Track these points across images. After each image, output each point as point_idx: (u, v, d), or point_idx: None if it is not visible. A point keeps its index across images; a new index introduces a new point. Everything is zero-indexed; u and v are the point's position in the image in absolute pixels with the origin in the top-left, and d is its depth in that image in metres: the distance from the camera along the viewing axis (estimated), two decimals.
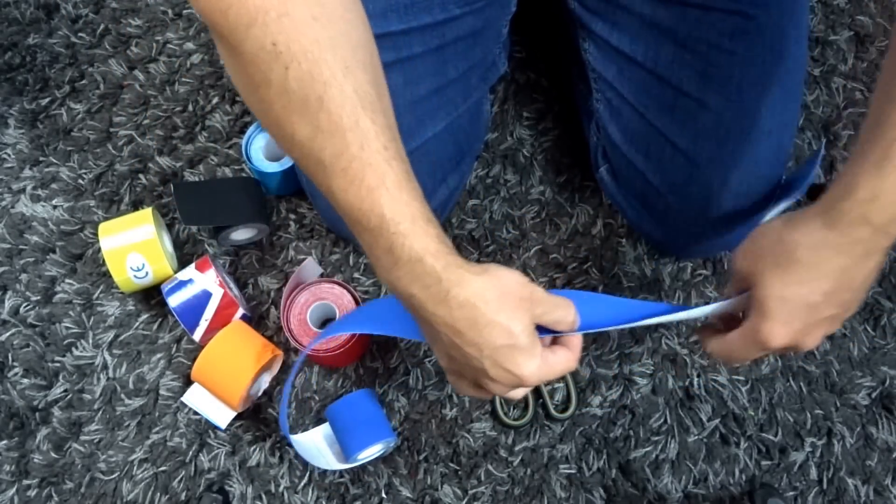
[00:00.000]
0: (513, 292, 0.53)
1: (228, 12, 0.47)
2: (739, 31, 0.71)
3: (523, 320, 0.53)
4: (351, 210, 0.51)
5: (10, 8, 1.03)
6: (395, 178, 0.51)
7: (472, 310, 0.51)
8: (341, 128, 0.49)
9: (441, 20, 0.72)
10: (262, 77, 0.49)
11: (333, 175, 0.50)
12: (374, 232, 0.51)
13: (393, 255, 0.51)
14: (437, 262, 0.51)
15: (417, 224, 0.51)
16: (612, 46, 0.77)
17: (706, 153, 0.74)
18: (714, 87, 0.73)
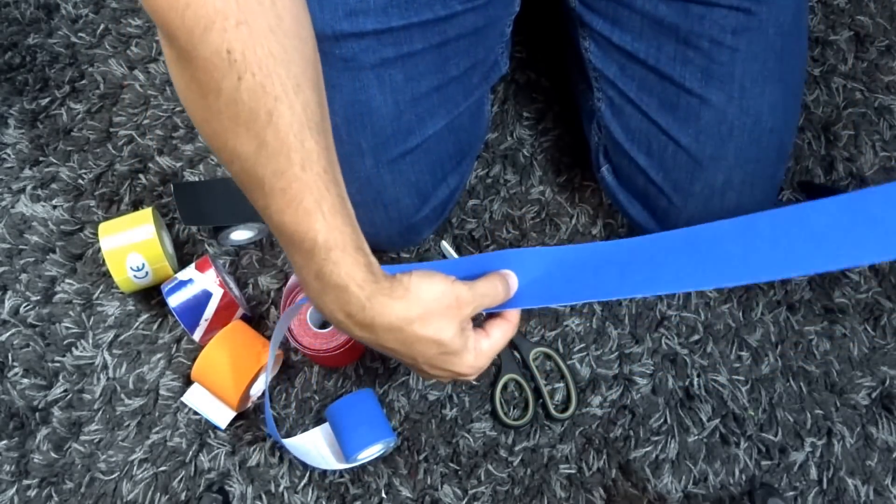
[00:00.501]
0: (436, 305, 0.55)
1: (185, 13, 0.46)
2: (741, 28, 0.71)
3: (451, 327, 0.55)
4: (285, 231, 0.52)
5: (10, 8, 1.03)
6: (331, 203, 0.51)
7: (398, 332, 0.54)
8: (286, 146, 0.49)
9: (443, 16, 0.72)
10: (213, 85, 0.48)
11: (272, 194, 0.50)
12: (306, 255, 0.52)
13: (321, 281, 0.52)
14: (362, 292, 0.52)
15: (347, 252, 0.52)
16: (614, 44, 0.77)
17: (708, 151, 0.74)
18: (716, 85, 0.73)
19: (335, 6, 0.69)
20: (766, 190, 0.78)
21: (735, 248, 0.53)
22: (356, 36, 0.70)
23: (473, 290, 0.57)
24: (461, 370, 0.58)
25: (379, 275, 0.54)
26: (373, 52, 0.71)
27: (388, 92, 0.73)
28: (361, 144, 0.75)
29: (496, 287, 0.59)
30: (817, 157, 0.96)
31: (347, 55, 0.71)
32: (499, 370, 0.86)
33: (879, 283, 0.91)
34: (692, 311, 0.89)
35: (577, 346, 0.87)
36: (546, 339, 0.88)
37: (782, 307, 0.89)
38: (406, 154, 0.76)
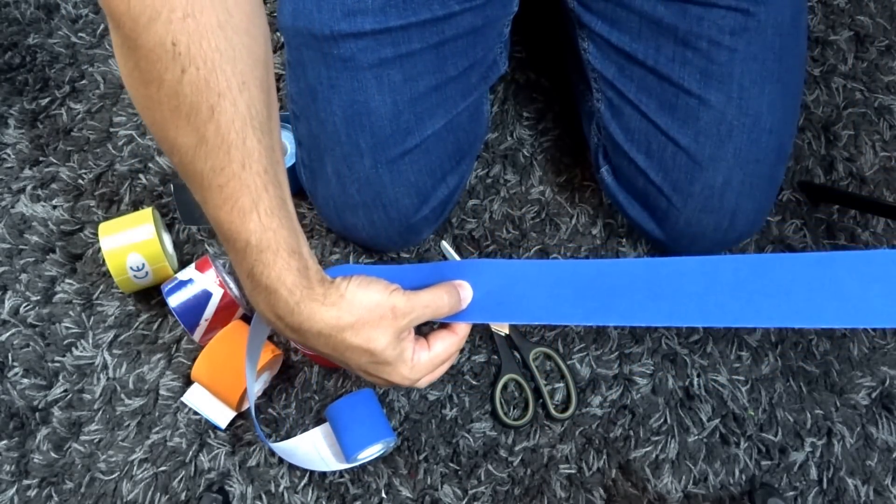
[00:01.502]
0: (369, 315, 0.54)
1: (131, 2, 0.45)
2: (740, 29, 0.71)
3: (385, 336, 0.55)
4: (221, 227, 0.51)
5: (10, 8, 1.03)
6: (268, 205, 0.51)
7: (328, 338, 0.54)
8: (227, 143, 0.49)
9: (441, 16, 0.72)
10: (156, 75, 0.47)
11: (210, 189, 0.50)
12: (240, 254, 0.52)
13: (252, 281, 0.52)
14: (292, 297, 0.52)
15: (280, 255, 0.52)
16: (612, 45, 0.77)
17: (708, 151, 0.74)
18: (715, 85, 0.73)
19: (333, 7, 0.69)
20: (766, 190, 0.78)
21: (694, 289, 0.53)
22: (354, 36, 0.70)
23: (413, 301, 0.56)
24: (395, 380, 0.58)
25: (314, 279, 0.53)
26: (371, 52, 0.71)
27: (387, 92, 0.73)
28: (360, 144, 0.75)
29: (441, 298, 0.57)
30: (817, 157, 0.96)
31: (346, 55, 0.71)
32: (499, 370, 0.86)
33: None
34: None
35: (577, 346, 0.87)
36: (546, 339, 0.88)
37: None
38: (405, 154, 0.76)
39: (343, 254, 0.91)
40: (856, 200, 0.93)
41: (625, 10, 0.75)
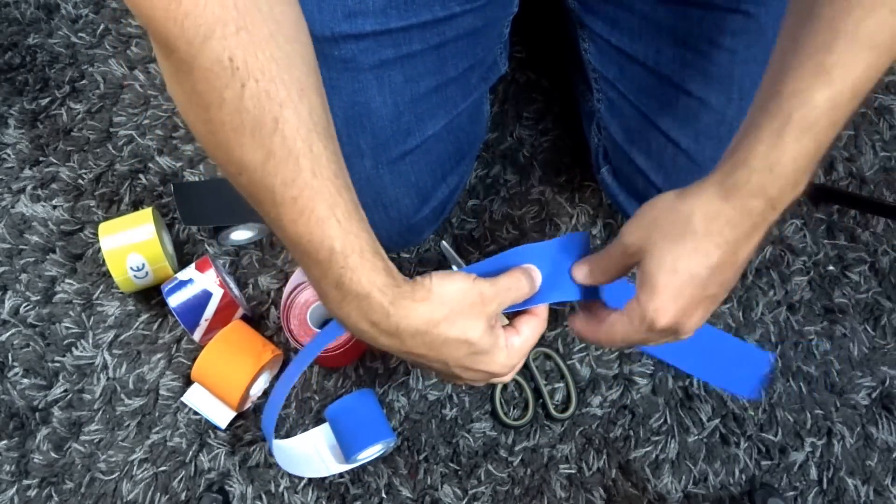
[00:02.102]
0: (460, 304, 0.53)
1: (185, 22, 0.44)
2: (740, 30, 0.71)
3: (478, 325, 0.53)
4: (299, 241, 0.50)
5: (10, 8, 1.03)
6: (345, 209, 0.50)
7: (425, 335, 0.52)
8: (294, 152, 0.47)
9: (441, 17, 0.72)
10: (216, 95, 0.46)
11: (283, 204, 0.49)
12: (323, 265, 0.50)
13: (341, 290, 0.51)
14: (385, 298, 0.51)
15: (366, 257, 0.50)
16: (613, 46, 0.77)
17: (708, 152, 0.74)
18: (715, 86, 0.73)
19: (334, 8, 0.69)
20: None
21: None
22: (355, 37, 0.70)
23: (496, 286, 0.55)
24: (494, 369, 0.56)
25: (399, 278, 0.53)
26: (372, 53, 0.71)
27: (388, 93, 0.73)
28: (361, 145, 0.75)
29: (520, 281, 0.57)
30: None
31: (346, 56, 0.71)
32: None
33: (879, 284, 0.91)
34: None
35: (577, 346, 0.87)
36: (546, 339, 0.88)
37: (782, 307, 0.89)
38: (405, 154, 0.76)
39: None
40: (856, 200, 0.93)
41: (625, 11, 0.75)
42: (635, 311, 0.53)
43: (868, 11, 0.44)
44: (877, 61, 0.45)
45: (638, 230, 0.53)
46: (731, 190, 0.48)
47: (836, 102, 0.45)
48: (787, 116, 0.46)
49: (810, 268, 0.91)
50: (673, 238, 0.51)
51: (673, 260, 0.51)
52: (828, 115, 0.45)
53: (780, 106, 0.46)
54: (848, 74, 0.45)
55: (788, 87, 0.46)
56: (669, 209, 0.51)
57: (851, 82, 0.45)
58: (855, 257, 0.92)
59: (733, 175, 0.48)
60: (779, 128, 0.46)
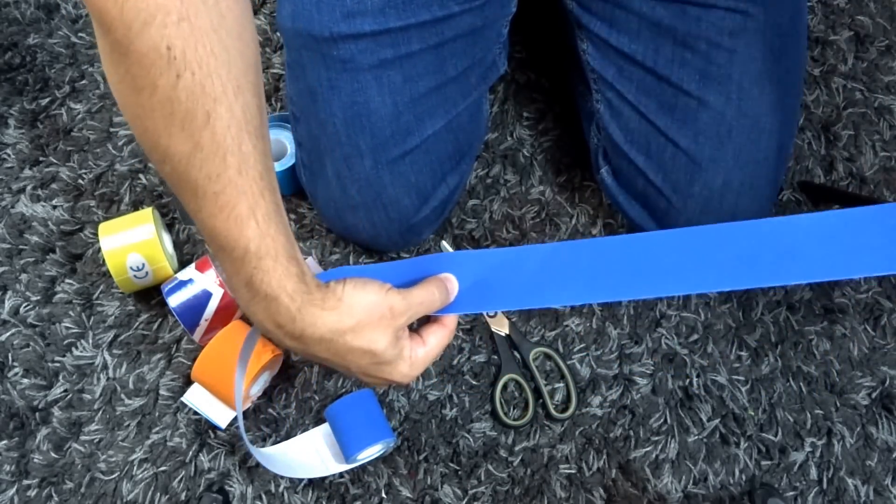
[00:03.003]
0: (369, 316, 0.54)
1: (125, 6, 0.43)
2: (739, 30, 0.71)
3: (384, 338, 0.55)
4: (216, 236, 0.50)
5: (10, 8, 1.03)
6: (265, 210, 0.50)
7: (329, 343, 0.53)
8: (223, 149, 0.47)
9: (440, 17, 0.72)
10: (149, 81, 0.45)
11: (205, 198, 0.49)
12: (237, 263, 0.50)
13: (251, 290, 0.51)
14: (293, 303, 0.51)
15: (279, 262, 0.51)
16: (611, 46, 0.77)
17: (707, 152, 0.74)
18: (714, 86, 0.73)
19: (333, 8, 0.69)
20: (766, 191, 0.78)
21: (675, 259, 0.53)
22: (354, 37, 0.70)
23: (408, 299, 0.56)
24: (396, 378, 0.58)
25: (311, 284, 0.53)
26: (371, 53, 0.71)
27: (387, 93, 0.73)
28: (360, 145, 0.75)
29: (433, 294, 0.58)
30: (817, 157, 0.96)
31: (346, 56, 0.71)
32: (499, 370, 0.86)
33: (879, 283, 0.91)
34: (692, 311, 0.89)
35: (577, 347, 0.87)
36: (546, 339, 0.88)
37: (782, 307, 0.89)
38: (405, 154, 0.76)
39: (343, 254, 0.91)
40: (856, 200, 0.93)
41: (623, 11, 0.75)
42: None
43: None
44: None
45: None
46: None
47: None
48: None
49: None
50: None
51: None
52: None
53: None
54: None
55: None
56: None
57: None
58: None
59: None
60: None
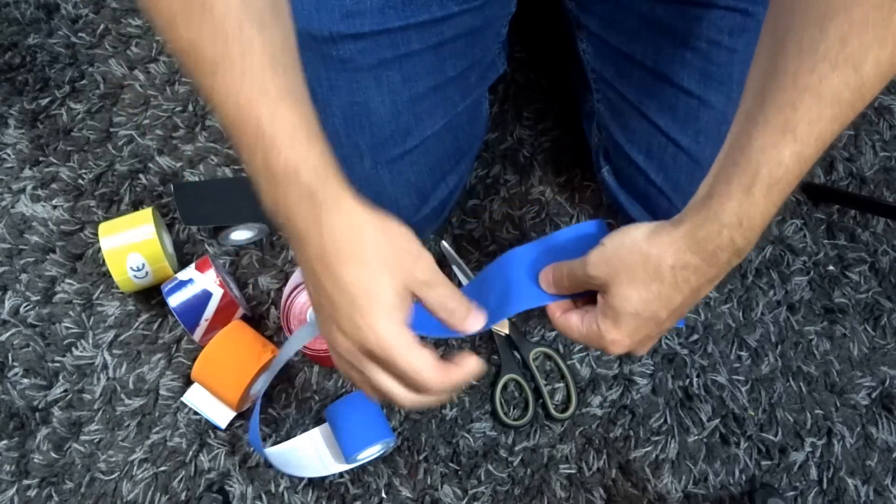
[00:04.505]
0: (396, 242, 0.50)
1: None
2: (739, 28, 0.71)
3: (396, 278, 0.49)
4: (230, 122, 0.48)
5: (10, 8, 1.03)
6: (278, 89, 0.48)
7: (345, 242, 0.48)
8: (223, 34, 0.47)
9: (439, 17, 0.72)
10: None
11: (214, 82, 0.47)
12: (251, 146, 0.48)
13: (269, 171, 0.48)
14: (316, 178, 0.48)
15: (298, 136, 0.48)
16: (611, 46, 0.77)
17: (708, 151, 0.74)
18: (714, 86, 0.73)
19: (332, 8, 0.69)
20: None
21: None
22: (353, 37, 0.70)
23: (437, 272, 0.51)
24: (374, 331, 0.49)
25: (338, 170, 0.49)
26: (370, 53, 0.71)
27: (386, 93, 0.73)
28: (360, 145, 0.75)
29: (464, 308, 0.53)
30: None
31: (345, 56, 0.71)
32: (499, 370, 0.86)
33: (879, 283, 0.91)
34: (692, 311, 0.89)
35: (577, 346, 0.87)
36: (546, 339, 0.88)
37: (782, 307, 0.89)
38: (405, 154, 0.76)
39: None
40: (856, 200, 0.93)
41: (623, 11, 0.75)
42: (594, 332, 0.54)
43: (832, 68, 0.45)
44: (840, 115, 0.46)
45: (604, 265, 0.53)
46: (702, 243, 0.50)
47: (802, 157, 0.47)
48: (755, 172, 0.47)
49: (810, 268, 0.91)
50: (640, 281, 0.52)
51: (637, 302, 0.52)
52: (794, 170, 0.47)
53: (749, 161, 0.48)
54: (812, 130, 0.46)
55: (756, 142, 0.48)
56: (638, 252, 0.52)
57: (815, 137, 0.47)
58: (855, 257, 0.92)
59: (704, 228, 0.50)
60: (748, 184, 0.48)
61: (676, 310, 0.53)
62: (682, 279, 0.51)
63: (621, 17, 0.76)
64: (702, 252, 0.50)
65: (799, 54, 0.46)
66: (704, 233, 0.49)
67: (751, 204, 0.48)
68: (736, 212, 0.48)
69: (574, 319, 0.56)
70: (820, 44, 0.45)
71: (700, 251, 0.50)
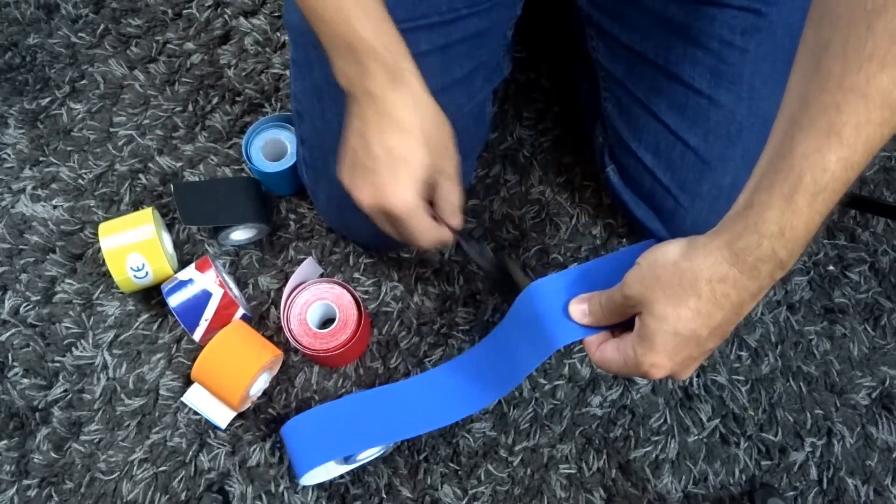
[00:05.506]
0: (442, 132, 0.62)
1: None
2: (751, 29, 0.71)
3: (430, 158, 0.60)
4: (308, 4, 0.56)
5: (10, 8, 1.03)
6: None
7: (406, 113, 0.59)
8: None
9: (448, 19, 0.72)
10: None
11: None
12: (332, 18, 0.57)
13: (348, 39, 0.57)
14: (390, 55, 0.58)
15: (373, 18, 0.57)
16: (622, 44, 0.77)
17: (716, 151, 0.74)
18: (725, 85, 0.72)
19: None
20: None
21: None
22: None
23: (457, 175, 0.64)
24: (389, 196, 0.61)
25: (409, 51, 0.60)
26: None
27: None
28: None
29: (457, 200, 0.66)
30: None
31: None
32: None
33: (879, 283, 0.91)
34: None
35: (578, 346, 0.87)
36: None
37: (782, 307, 0.89)
38: None
39: (343, 254, 0.91)
40: (856, 200, 0.93)
41: (635, 9, 0.75)
42: (631, 358, 0.52)
43: (880, 67, 0.42)
44: (891, 118, 0.43)
45: (639, 284, 0.52)
46: (740, 254, 0.47)
47: (849, 163, 0.44)
48: (798, 179, 0.45)
49: (810, 268, 0.91)
50: (676, 298, 0.49)
51: (675, 320, 0.50)
52: (840, 177, 0.44)
53: (791, 167, 0.45)
54: (859, 133, 0.43)
55: (799, 147, 0.45)
56: (674, 267, 0.50)
57: (863, 142, 0.43)
58: (855, 257, 0.92)
59: (743, 238, 0.47)
60: (790, 192, 0.45)
61: (718, 327, 0.50)
62: (721, 293, 0.48)
63: (634, 15, 0.76)
64: (741, 264, 0.47)
65: (844, 53, 0.43)
66: (743, 244, 0.47)
67: (793, 213, 0.45)
68: (777, 221, 0.46)
69: (609, 350, 0.55)
70: (867, 42, 0.42)
71: (739, 263, 0.47)
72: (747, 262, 0.47)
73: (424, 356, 0.87)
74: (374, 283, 0.90)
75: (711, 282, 0.48)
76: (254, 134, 0.90)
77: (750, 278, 0.48)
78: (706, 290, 0.49)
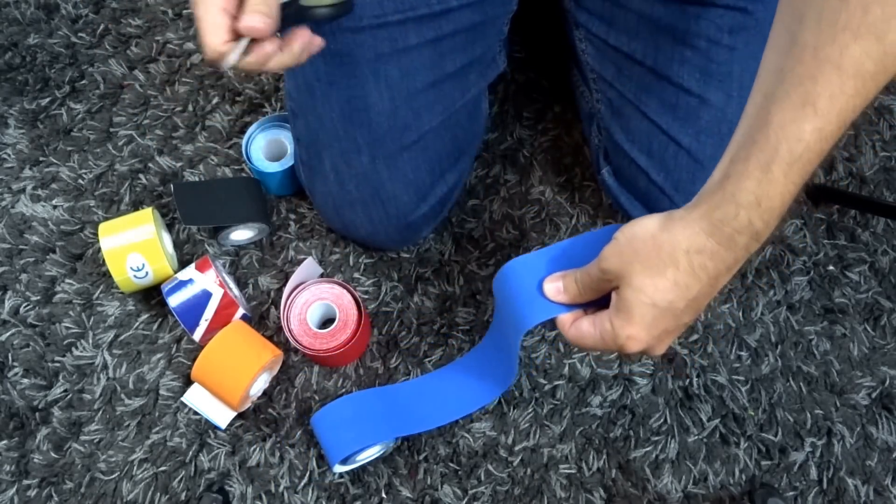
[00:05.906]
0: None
1: None
2: (738, 27, 0.71)
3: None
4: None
5: (10, 8, 1.03)
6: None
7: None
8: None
9: (438, 12, 0.72)
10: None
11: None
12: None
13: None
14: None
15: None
16: (610, 45, 0.77)
17: (709, 150, 0.74)
18: (715, 84, 0.73)
19: None
20: None
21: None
22: (352, 31, 0.70)
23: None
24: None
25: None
26: (368, 47, 0.71)
27: (384, 87, 0.73)
28: (358, 140, 0.75)
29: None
30: None
31: (343, 50, 0.71)
32: None
33: (879, 283, 0.91)
34: None
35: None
36: (546, 338, 0.88)
37: (782, 307, 0.89)
38: (403, 150, 0.76)
39: (343, 254, 0.91)
40: (856, 200, 0.93)
41: (621, 10, 0.75)
42: (608, 332, 0.52)
43: (853, 38, 0.42)
44: (863, 89, 0.44)
45: (618, 256, 0.52)
46: (717, 225, 0.48)
47: (823, 133, 0.44)
48: (774, 150, 0.45)
49: (810, 268, 0.91)
50: (654, 269, 0.50)
51: (653, 291, 0.50)
52: (815, 147, 0.45)
53: (767, 138, 0.45)
54: (834, 104, 0.44)
55: (775, 118, 0.45)
56: (652, 239, 0.50)
57: (837, 112, 0.44)
58: (855, 257, 0.92)
59: (720, 209, 0.47)
60: (766, 162, 0.45)
61: (695, 300, 0.50)
62: (698, 265, 0.49)
63: (620, 17, 0.76)
64: (718, 235, 0.48)
65: (818, 25, 0.44)
66: (721, 214, 0.47)
67: (769, 183, 0.46)
68: (754, 191, 0.46)
69: (585, 325, 0.54)
70: (840, 13, 0.42)
71: (716, 234, 0.48)
72: (724, 233, 0.47)
73: (424, 356, 0.87)
74: (374, 283, 0.90)
75: (689, 253, 0.49)
76: (254, 134, 0.90)
77: (727, 249, 0.48)
78: (684, 261, 0.49)
